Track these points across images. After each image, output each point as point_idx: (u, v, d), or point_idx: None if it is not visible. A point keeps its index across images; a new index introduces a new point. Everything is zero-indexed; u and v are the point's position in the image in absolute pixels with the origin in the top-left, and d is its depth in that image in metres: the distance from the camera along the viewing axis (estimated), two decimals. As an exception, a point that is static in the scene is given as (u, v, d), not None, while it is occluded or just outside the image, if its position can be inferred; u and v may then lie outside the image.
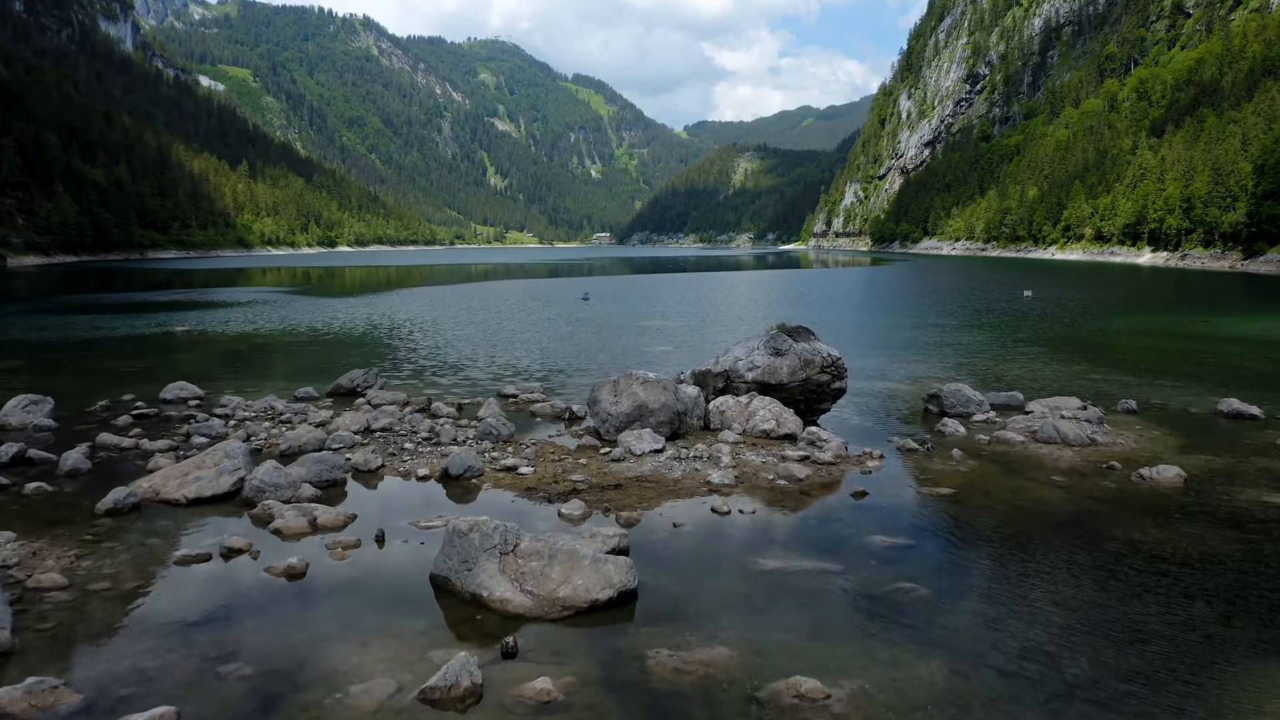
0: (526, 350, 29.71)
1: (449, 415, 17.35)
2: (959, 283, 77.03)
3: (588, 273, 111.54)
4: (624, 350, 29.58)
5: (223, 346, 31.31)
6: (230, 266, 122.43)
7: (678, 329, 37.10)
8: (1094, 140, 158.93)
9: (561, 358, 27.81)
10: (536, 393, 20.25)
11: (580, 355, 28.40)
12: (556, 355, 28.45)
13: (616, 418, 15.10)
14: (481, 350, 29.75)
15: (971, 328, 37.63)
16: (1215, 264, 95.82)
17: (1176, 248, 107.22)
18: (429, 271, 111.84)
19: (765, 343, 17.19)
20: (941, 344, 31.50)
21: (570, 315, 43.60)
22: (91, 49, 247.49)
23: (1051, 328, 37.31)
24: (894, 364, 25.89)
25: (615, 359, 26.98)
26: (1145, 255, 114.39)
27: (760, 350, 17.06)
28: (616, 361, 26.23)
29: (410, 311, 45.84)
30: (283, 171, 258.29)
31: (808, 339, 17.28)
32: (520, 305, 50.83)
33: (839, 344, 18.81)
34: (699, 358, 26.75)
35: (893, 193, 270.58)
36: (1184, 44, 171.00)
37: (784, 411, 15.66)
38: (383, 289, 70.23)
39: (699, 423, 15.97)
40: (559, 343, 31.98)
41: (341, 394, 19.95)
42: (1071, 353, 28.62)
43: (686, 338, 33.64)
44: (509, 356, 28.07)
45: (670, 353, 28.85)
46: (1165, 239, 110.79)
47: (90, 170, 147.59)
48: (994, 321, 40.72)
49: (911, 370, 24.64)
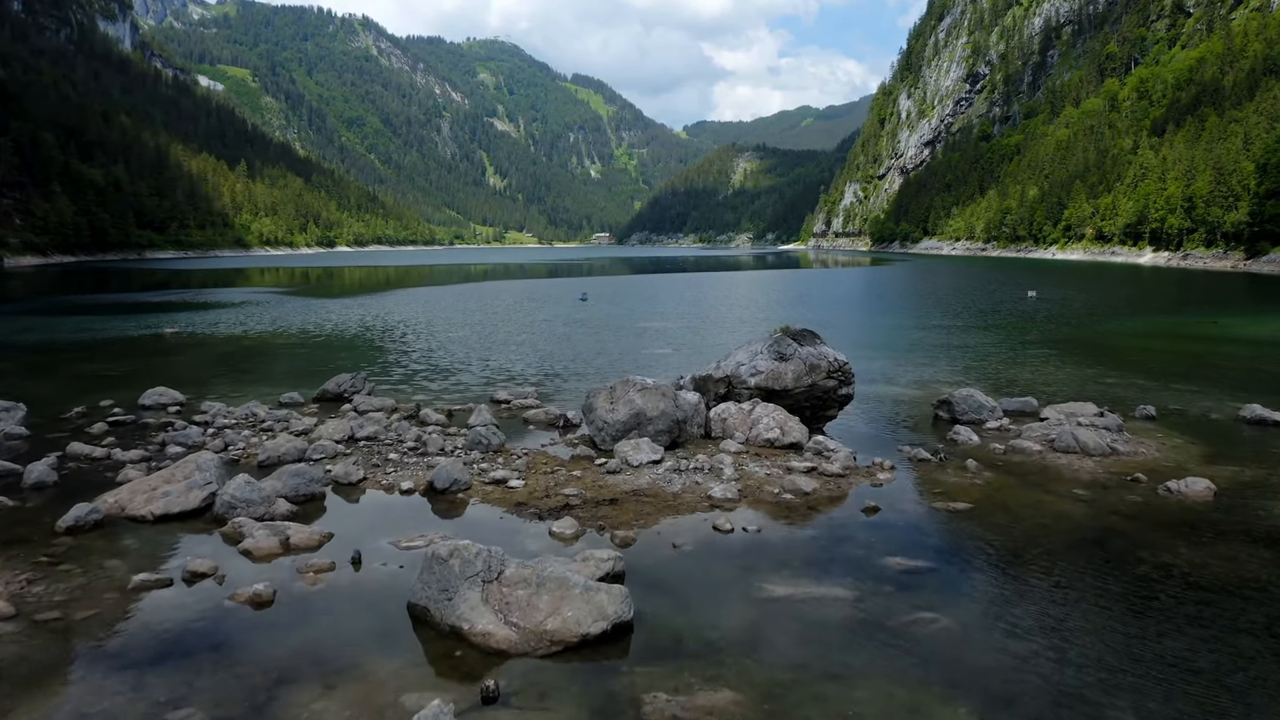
0: (521, 353, 28.98)
1: (438, 423, 16.62)
2: (961, 283, 76.43)
3: (587, 273, 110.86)
4: (622, 353, 28.87)
5: (210, 349, 30.57)
6: (227, 267, 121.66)
7: (677, 330, 36.43)
8: (1094, 140, 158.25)
9: (557, 361, 27.06)
10: (530, 398, 19.53)
11: (576, 358, 27.65)
12: (552, 358, 27.68)
13: (613, 426, 14.36)
14: (475, 353, 29.00)
15: (978, 329, 36.94)
16: (1217, 264, 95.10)
17: (1178, 247, 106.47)
18: (427, 272, 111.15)
19: (769, 346, 16.42)
20: (948, 346, 30.78)
21: (568, 316, 42.90)
22: (90, 49, 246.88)
23: (1059, 329, 36.57)
24: (900, 367, 25.17)
25: (613, 363, 26.26)
26: (1146, 255, 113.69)
27: (764, 354, 16.29)
28: (614, 365, 25.50)
29: (404, 313, 45.13)
30: (281, 171, 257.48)
31: (813, 342, 16.53)
32: (517, 306, 50.18)
33: (842, 346, 18.06)
34: (699, 361, 25.82)
35: (892, 192, 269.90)
36: (1184, 43, 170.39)
37: (789, 419, 14.94)
38: (378, 290, 69.55)
39: (699, 431, 15.22)
40: (555, 345, 31.24)
41: (328, 399, 19.22)
42: (1082, 355, 27.86)
43: (686, 339, 32.97)
44: (503, 360, 27.32)
45: (669, 355, 28.18)
46: (1167, 239, 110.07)
47: (88, 170, 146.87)
48: (1000, 322, 40.04)
49: (919, 374, 23.91)
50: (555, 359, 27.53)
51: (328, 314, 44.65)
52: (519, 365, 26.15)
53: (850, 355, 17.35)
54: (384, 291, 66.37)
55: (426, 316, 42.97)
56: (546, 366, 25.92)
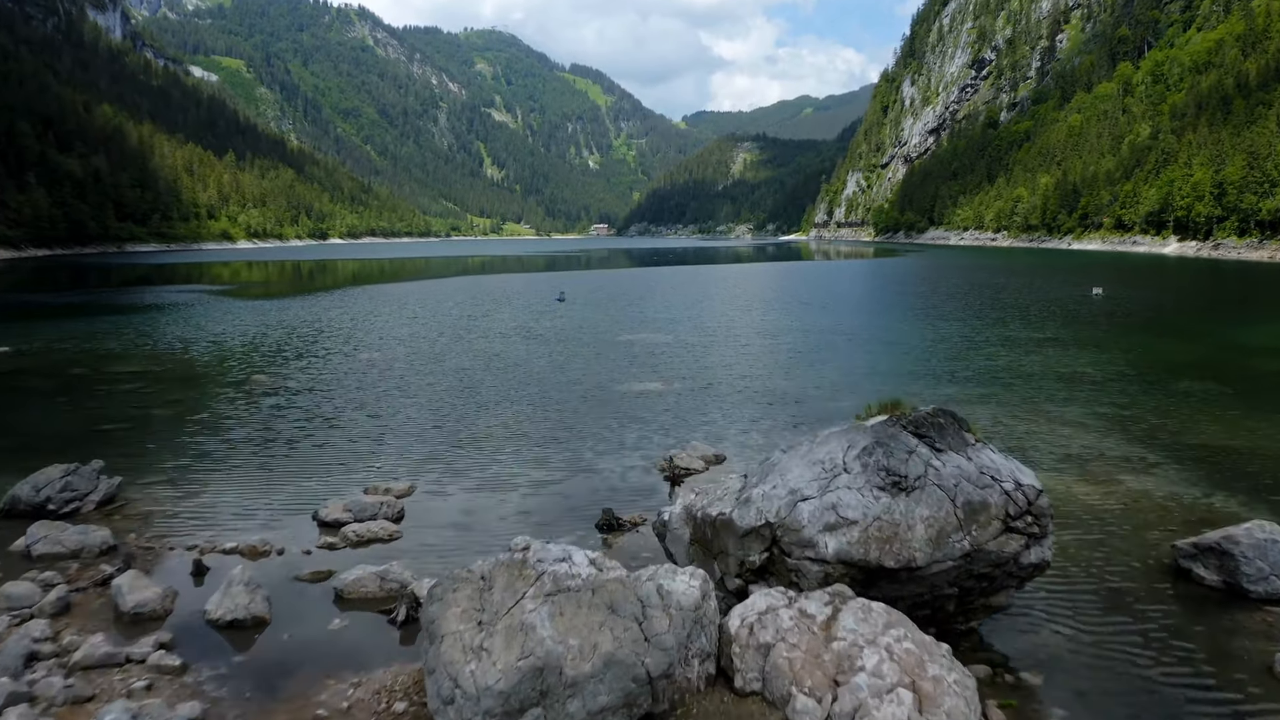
0: (440, 395, 21.76)
1: (134, 614, 8.99)
2: (994, 278, 68.33)
3: (585, 265, 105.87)
4: (589, 392, 22.04)
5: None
6: (198, 261, 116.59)
7: (670, 348, 30.01)
8: (1109, 125, 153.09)
9: (493, 409, 20.03)
10: (384, 518, 12.18)
11: (517, 403, 20.71)
12: (486, 405, 20.52)
13: (484, 704, 6.35)
14: (370, 394, 21.72)
15: (1061, 345, 29.42)
16: (1253, 254, 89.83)
17: (1207, 236, 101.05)
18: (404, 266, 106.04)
19: (863, 457, 8.20)
20: (1052, 375, 23.51)
21: (532, 327, 36.25)
22: (79, 38, 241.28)
23: (1186, 347, 29.22)
24: (1011, 418, 18.14)
25: (571, 416, 19.47)
26: (1171, 245, 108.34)
27: (854, 476, 8.09)
28: (571, 421, 18.85)
29: (328, 319, 38.93)
30: (273, 163, 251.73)
31: (958, 442, 8.42)
32: (477, 309, 44.09)
33: (896, 378, 12.22)
34: (700, 407, 20.11)
35: (896, 181, 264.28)
36: (1200, 25, 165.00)
37: (925, 657, 6.73)
38: (333, 288, 64.03)
39: (702, 672, 7.15)
40: (501, 376, 24.34)
41: (20, 514, 12.21)
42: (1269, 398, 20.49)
43: (682, 365, 26.48)
44: (407, 410, 20.00)
45: (656, 396, 21.60)
46: (1194, 227, 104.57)
47: (66, 160, 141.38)
48: (1085, 335, 32.20)
49: (1050, 438, 16.48)
50: (490, 405, 20.48)
51: (224, 323, 37.72)
52: (418, 419, 19.05)
53: (909, 390, 11.56)
54: (335, 290, 61.03)
55: (351, 326, 36.68)
56: (469, 423, 18.63)
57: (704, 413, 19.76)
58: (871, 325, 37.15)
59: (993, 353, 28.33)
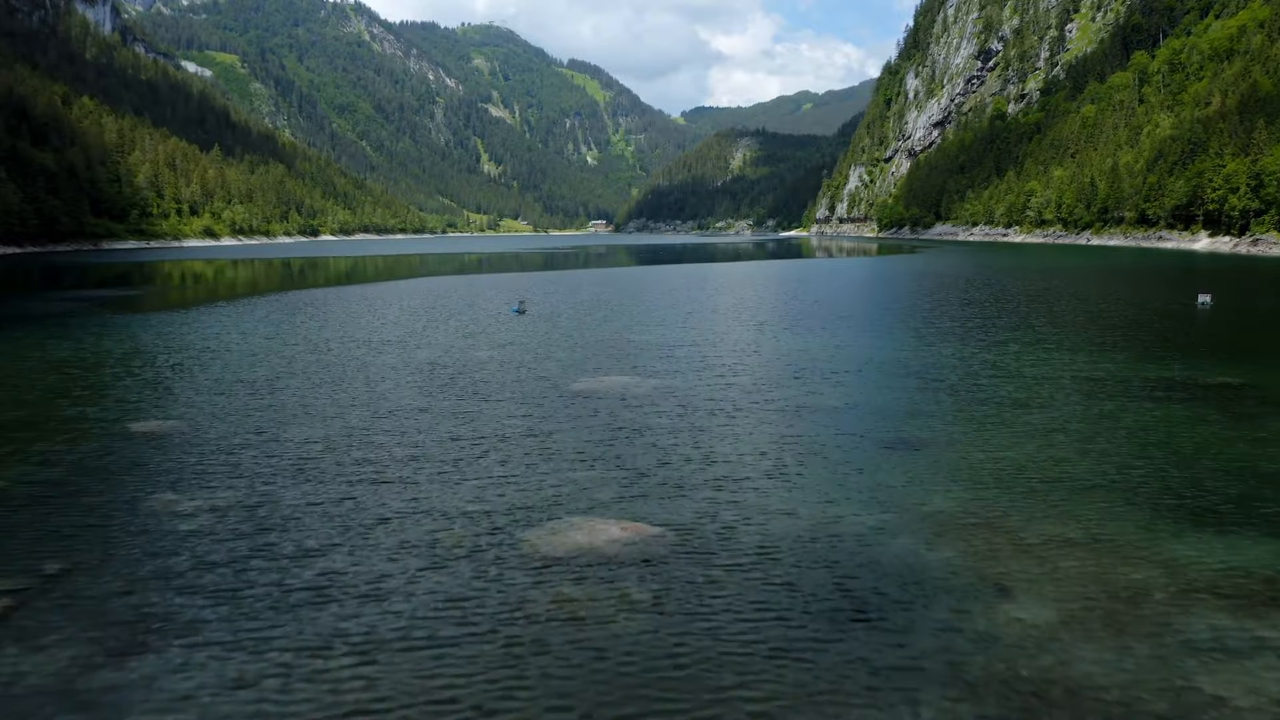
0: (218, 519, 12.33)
1: None
2: (1048, 283, 56.22)
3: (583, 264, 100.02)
4: (473, 544, 11.42)
5: None
6: (161, 259, 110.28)
7: (642, 408, 19.52)
8: (1125, 116, 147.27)
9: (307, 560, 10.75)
10: None
11: (353, 552, 11.07)
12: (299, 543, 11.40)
13: None
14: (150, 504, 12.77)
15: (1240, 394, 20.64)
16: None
17: (1243, 231, 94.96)
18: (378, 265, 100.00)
19: None
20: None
21: (466, 358, 26.92)
22: (66, 32, 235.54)
23: None
24: None
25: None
26: (1202, 240, 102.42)
27: None
28: None
29: (214, 342, 30.35)
30: (262, 158, 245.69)
31: None
32: (414, 323, 35.93)
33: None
34: (703, 567, 12.06)
35: (900, 176, 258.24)
36: (1218, 12, 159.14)
37: None
38: (282, 289, 57.64)
39: None
40: (350, 470, 14.73)
41: None
42: None
43: (656, 449, 16.01)
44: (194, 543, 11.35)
45: (598, 565, 12.80)
46: (1227, 221, 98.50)
47: (38, 154, 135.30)
48: (1253, 371, 23.76)
49: None
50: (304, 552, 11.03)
51: (91, 349, 29.09)
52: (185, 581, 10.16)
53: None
54: (281, 292, 54.77)
55: (246, 352, 28.13)
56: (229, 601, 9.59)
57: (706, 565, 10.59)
58: (963, 354, 26.90)
59: (1146, 403, 19.22)
